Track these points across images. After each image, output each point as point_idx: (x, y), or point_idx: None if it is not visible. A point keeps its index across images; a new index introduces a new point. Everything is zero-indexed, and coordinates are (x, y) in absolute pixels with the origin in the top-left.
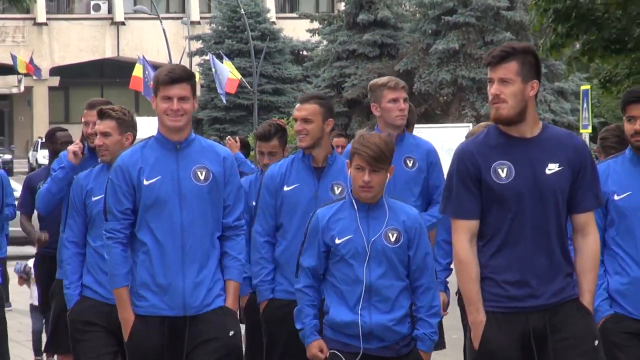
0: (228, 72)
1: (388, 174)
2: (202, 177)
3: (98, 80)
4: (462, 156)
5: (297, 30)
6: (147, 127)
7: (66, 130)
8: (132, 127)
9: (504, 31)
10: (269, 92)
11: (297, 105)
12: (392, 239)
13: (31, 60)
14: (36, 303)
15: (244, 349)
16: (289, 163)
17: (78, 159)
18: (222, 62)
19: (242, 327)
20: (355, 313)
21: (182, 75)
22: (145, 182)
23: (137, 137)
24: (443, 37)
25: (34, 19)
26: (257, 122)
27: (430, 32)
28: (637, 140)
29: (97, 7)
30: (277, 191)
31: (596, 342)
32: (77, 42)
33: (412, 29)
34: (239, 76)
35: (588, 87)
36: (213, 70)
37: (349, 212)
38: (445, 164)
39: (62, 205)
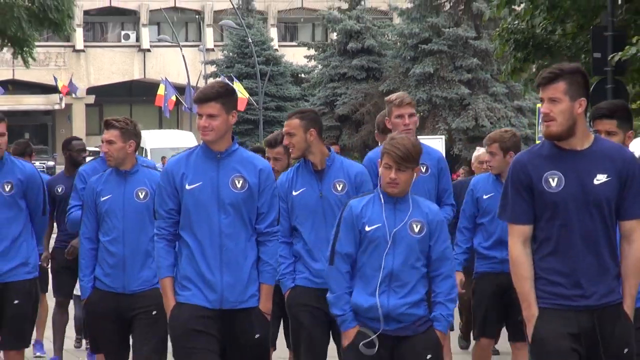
0: (237, 92)
1: (414, 173)
2: (239, 186)
3: (127, 98)
4: (516, 166)
5: (296, 56)
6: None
7: (80, 139)
8: (135, 135)
9: (471, 57)
10: (272, 109)
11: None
12: (416, 230)
13: (70, 82)
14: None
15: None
16: (294, 170)
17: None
18: (232, 83)
19: None
20: (375, 297)
21: (210, 96)
22: (188, 187)
23: (157, 146)
24: (420, 63)
25: (73, 46)
26: (262, 134)
27: (409, 58)
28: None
29: (126, 37)
30: (287, 196)
31: (626, 350)
32: (109, 66)
33: (394, 55)
34: (247, 95)
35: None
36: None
37: (377, 204)
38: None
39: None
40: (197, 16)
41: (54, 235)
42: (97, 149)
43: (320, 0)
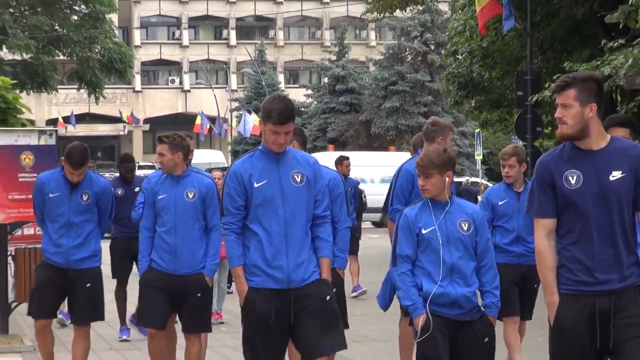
0: (254, 121)
1: (446, 178)
2: (298, 180)
3: (173, 127)
4: (540, 166)
5: (297, 94)
6: (200, 156)
7: (130, 162)
8: (182, 148)
9: (427, 95)
10: None
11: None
12: (465, 228)
13: (132, 114)
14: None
15: None
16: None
17: None
18: (250, 115)
19: None
20: (442, 287)
21: (289, 117)
22: (256, 185)
23: (195, 162)
24: (389, 99)
25: (133, 88)
26: None
27: (381, 96)
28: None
29: (172, 81)
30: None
31: None
32: (160, 102)
33: (370, 94)
34: (259, 123)
35: (479, 130)
36: (243, 119)
37: (428, 210)
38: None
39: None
40: (224, 66)
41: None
42: (152, 164)
43: (316, 53)
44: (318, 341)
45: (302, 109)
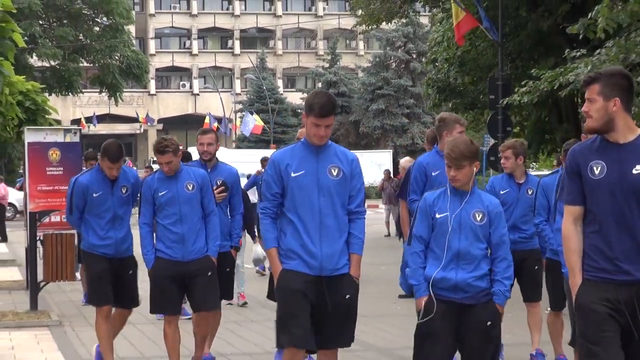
0: (254, 121)
1: (474, 168)
2: (335, 173)
3: (184, 126)
4: (570, 156)
5: (294, 97)
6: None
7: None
8: (178, 149)
9: (409, 98)
10: (279, 132)
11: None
12: (478, 219)
13: (147, 115)
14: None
15: None
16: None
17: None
18: (252, 115)
19: None
20: (446, 272)
21: (330, 110)
22: (293, 175)
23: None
24: (375, 102)
25: (148, 91)
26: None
27: (368, 99)
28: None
29: (183, 85)
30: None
31: None
32: (172, 104)
33: (359, 97)
34: (262, 123)
35: None
36: (246, 120)
37: (446, 197)
38: (374, 175)
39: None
40: (229, 72)
41: None
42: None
43: (310, 61)
44: (332, 334)
45: (299, 111)
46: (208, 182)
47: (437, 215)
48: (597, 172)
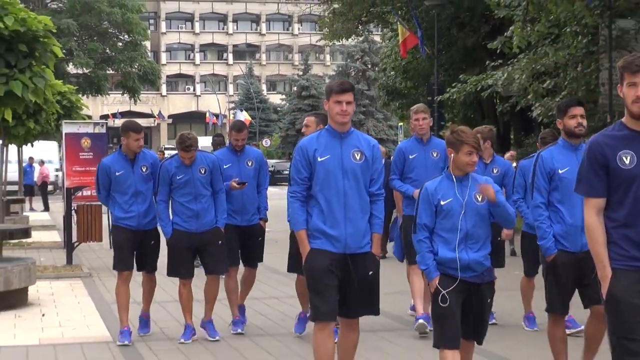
0: (244, 116)
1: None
2: (358, 158)
3: (188, 120)
4: (592, 147)
5: (275, 98)
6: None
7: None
8: (197, 144)
9: (365, 99)
10: (263, 125)
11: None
12: (480, 199)
13: (160, 112)
14: None
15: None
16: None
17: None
18: (242, 112)
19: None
20: (457, 253)
21: (349, 87)
22: (319, 159)
23: (202, 145)
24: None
25: (160, 93)
26: (258, 139)
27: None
28: (580, 131)
29: (188, 89)
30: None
31: None
32: (179, 104)
33: (325, 99)
34: (250, 118)
35: (401, 123)
36: (237, 115)
37: (447, 183)
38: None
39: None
40: (224, 78)
41: None
42: (173, 146)
43: (288, 70)
44: (352, 307)
45: (279, 109)
46: (217, 166)
47: (442, 202)
48: (627, 161)
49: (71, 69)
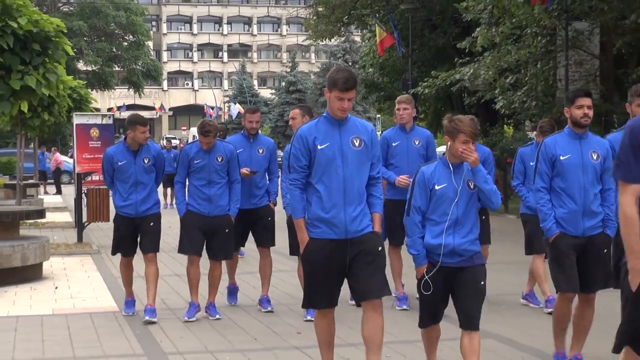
0: (237, 108)
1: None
2: (357, 144)
3: (187, 112)
4: (633, 130)
5: (266, 93)
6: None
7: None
8: (217, 132)
9: None
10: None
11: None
12: (472, 186)
13: (162, 105)
14: None
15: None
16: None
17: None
18: (235, 105)
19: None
20: (444, 238)
21: (353, 85)
22: (319, 147)
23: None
24: (323, 96)
25: (162, 88)
26: None
27: (317, 94)
28: (585, 121)
29: (187, 84)
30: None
31: None
32: (179, 97)
33: (311, 92)
34: (242, 110)
35: (379, 114)
36: (232, 108)
37: (442, 169)
38: None
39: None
40: (220, 74)
41: None
42: (173, 136)
43: (277, 67)
44: (370, 286)
45: (269, 102)
46: (235, 157)
47: (437, 187)
48: None
49: (81, 66)
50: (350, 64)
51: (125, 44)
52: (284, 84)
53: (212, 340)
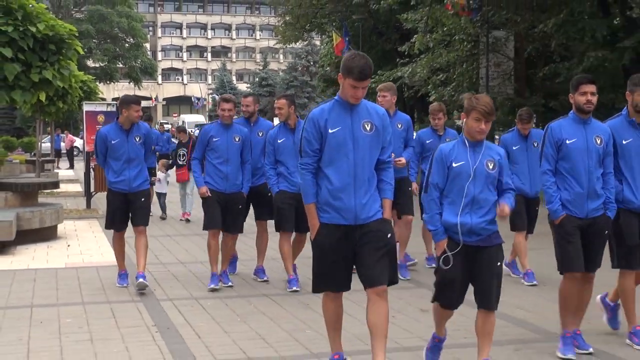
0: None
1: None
2: (368, 128)
3: (178, 103)
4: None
5: (242, 86)
6: (192, 118)
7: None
8: (235, 103)
9: (308, 87)
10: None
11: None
12: (490, 167)
13: (156, 96)
14: None
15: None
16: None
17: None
18: (217, 97)
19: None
20: (462, 217)
21: (368, 74)
22: (330, 131)
23: (189, 120)
24: (289, 90)
25: (157, 82)
26: None
27: (285, 87)
28: (588, 107)
29: (178, 79)
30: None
31: None
32: (171, 90)
33: (280, 87)
34: None
35: None
36: (214, 100)
37: (461, 148)
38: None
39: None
40: (205, 71)
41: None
42: (166, 121)
43: (252, 65)
44: (379, 272)
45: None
46: (249, 139)
47: (454, 165)
48: None
49: (90, 63)
50: (311, 63)
51: (127, 45)
52: (257, 79)
53: (197, 289)
